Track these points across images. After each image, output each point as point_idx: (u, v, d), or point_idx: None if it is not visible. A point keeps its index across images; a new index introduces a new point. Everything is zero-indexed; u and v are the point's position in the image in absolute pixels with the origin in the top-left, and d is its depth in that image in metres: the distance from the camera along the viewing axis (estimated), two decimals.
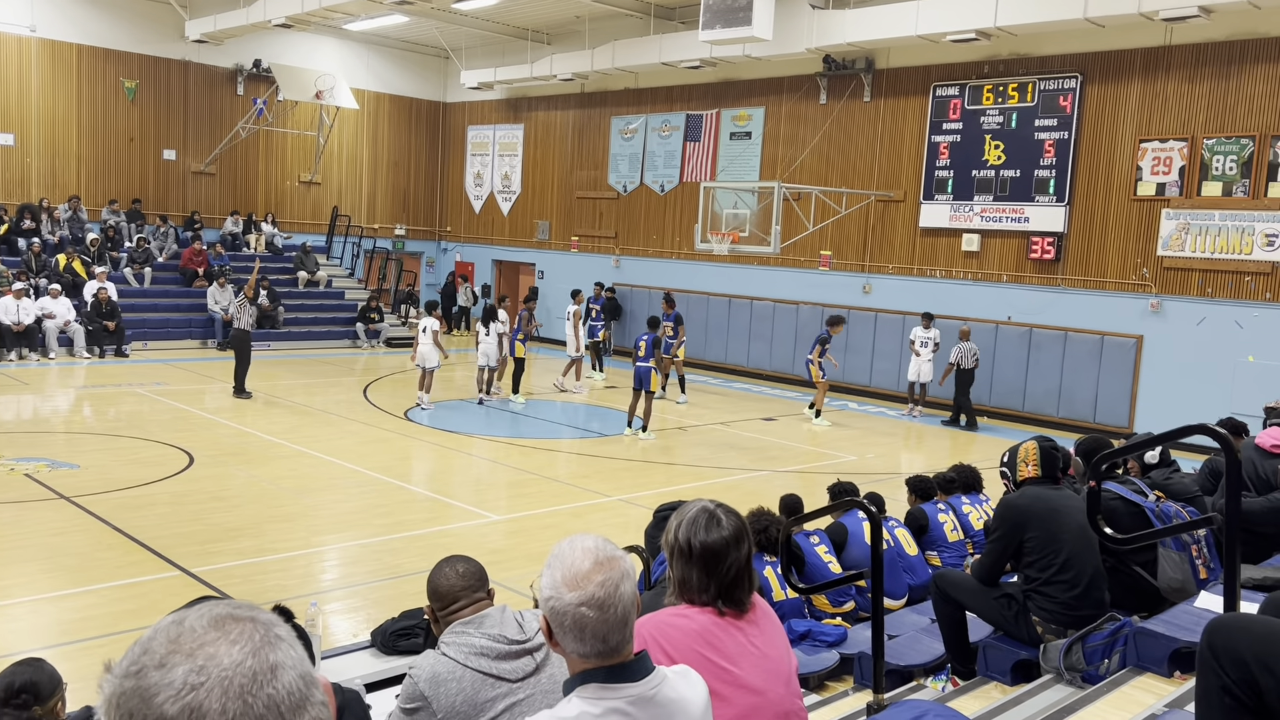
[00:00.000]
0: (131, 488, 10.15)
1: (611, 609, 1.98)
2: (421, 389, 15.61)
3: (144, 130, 23.21)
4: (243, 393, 15.45)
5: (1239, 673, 2.29)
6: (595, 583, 1.98)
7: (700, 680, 2.19)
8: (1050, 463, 4.91)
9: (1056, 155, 16.57)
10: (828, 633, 5.73)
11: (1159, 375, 15.58)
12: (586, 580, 1.98)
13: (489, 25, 23.53)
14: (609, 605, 1.97)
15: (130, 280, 21.31)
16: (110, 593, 7.39)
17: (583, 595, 1.97)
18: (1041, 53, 16.63)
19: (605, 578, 1.99)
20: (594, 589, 1.98)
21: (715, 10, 15.38)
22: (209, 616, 1.03)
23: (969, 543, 7.13)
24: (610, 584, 1.99)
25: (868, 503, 4.75)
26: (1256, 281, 14.73)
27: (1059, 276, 16.71)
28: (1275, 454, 5.97)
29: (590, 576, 1.99)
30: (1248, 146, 14.73)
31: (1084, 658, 4.35)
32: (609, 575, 2.00)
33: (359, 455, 12.17)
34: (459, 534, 9.31)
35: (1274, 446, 6.08)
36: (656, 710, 2.02)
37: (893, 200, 18.65)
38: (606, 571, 2.00)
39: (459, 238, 28.08)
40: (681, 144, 22.11)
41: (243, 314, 15.63)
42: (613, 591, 1.98)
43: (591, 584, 1.98)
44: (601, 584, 1.98)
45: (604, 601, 1.97)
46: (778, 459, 13.26)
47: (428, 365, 15.43)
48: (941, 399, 17.46)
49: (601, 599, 1.97)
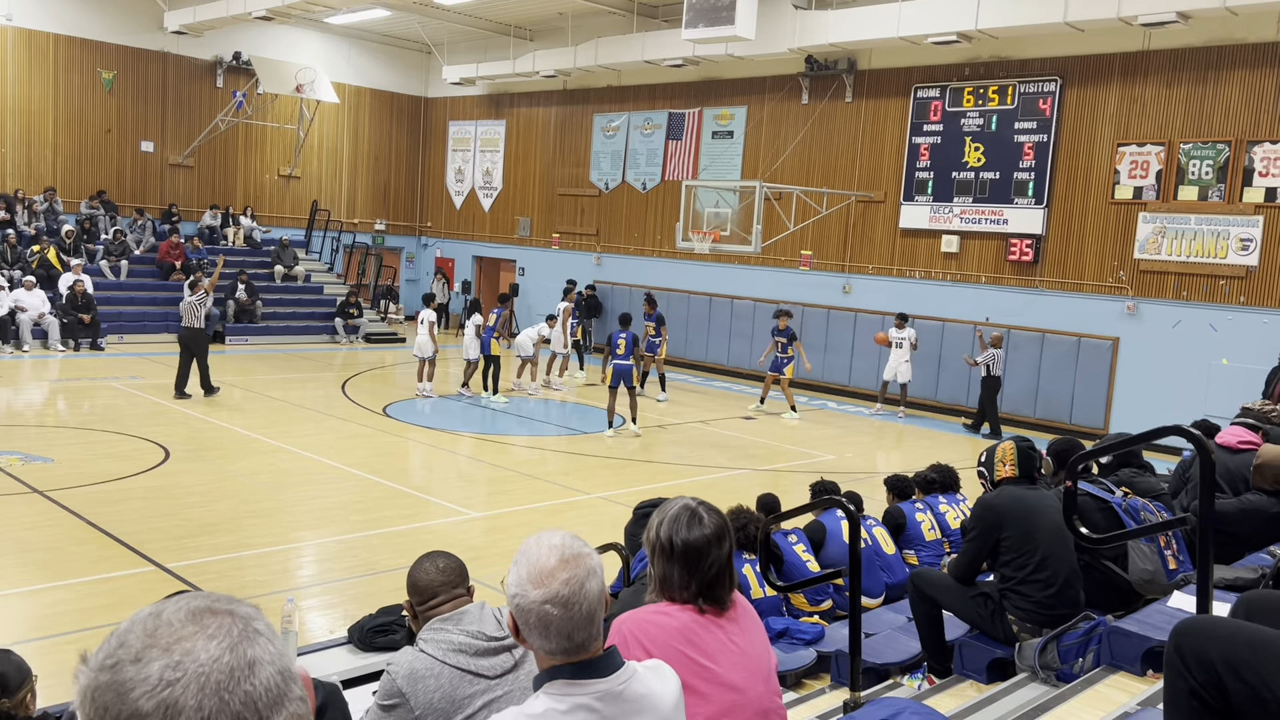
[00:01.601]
0: (106, 482, 10.06)
1: (576, 607, 1.97)
2: (421, 379, 16.32)
3: (122, 121, 22.99)
4: (212, 389, 14.86)
5: (1206, 676, 2.30)
6: (560, 580, 1.97)
7: (673, 675, 2.19)
8: (1028, 463, 4.95)
9: (1035, 158, 16.69)
10: (805, 631, 5.75)
11: (1135, 377, 15.72)
12: (551, 578, 1.98)
13: (471, 20, 23.45)
14: (573, 603, 1.97)
15: (106, 273, 21.11)
16: (83, 588, 7.32)
17: (547, 593, 1.97)
18: (1022, 56, 16.74)
19: (570, 575, 1.98)
20: (558, 586, 1.97)
21: (698, 9, 15.39)
22: (187, 609, 1.02)
23: (946, 542, 7.17)
24: (575, 582, 1.98)
25: (846, 501, 4.76)
26: (1231, 285, 14.89)
27: (1037, 278, 16.82)
28: (1241, 450, 6.04)
29: (555, 574, 1.98)
30: (1223, 151, 14.88)
31: (1059, 656, 4.38)
32: (574, 573, 1.99)
33: (337, 451, 12.11)
34: (438, 530, 9.28)
35: (1241, 443, 6.15)
36: (624, 705, 2.01)
37: (873, 201, 18.72)
38: (572, 569, 1.99)
39: (439, 233, 27.98)
40: (664, 142, 22.11)
41: (199, 312, 14.82)
42: (577, 589, 1.97)
43: (556, 581, 1.97)
44: (566, 581, 1.97)
45: (568, 599, 1.96)
46: (757, 457, 13.29)
47: (424, 355, 16.23)
48: (919, 399, 17.55)
49: (566, 597, 1.96)
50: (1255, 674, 2.26)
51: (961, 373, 17.03)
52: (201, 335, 15.03)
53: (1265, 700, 2.23)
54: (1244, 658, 2.30)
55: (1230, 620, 2.61)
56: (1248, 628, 2.45)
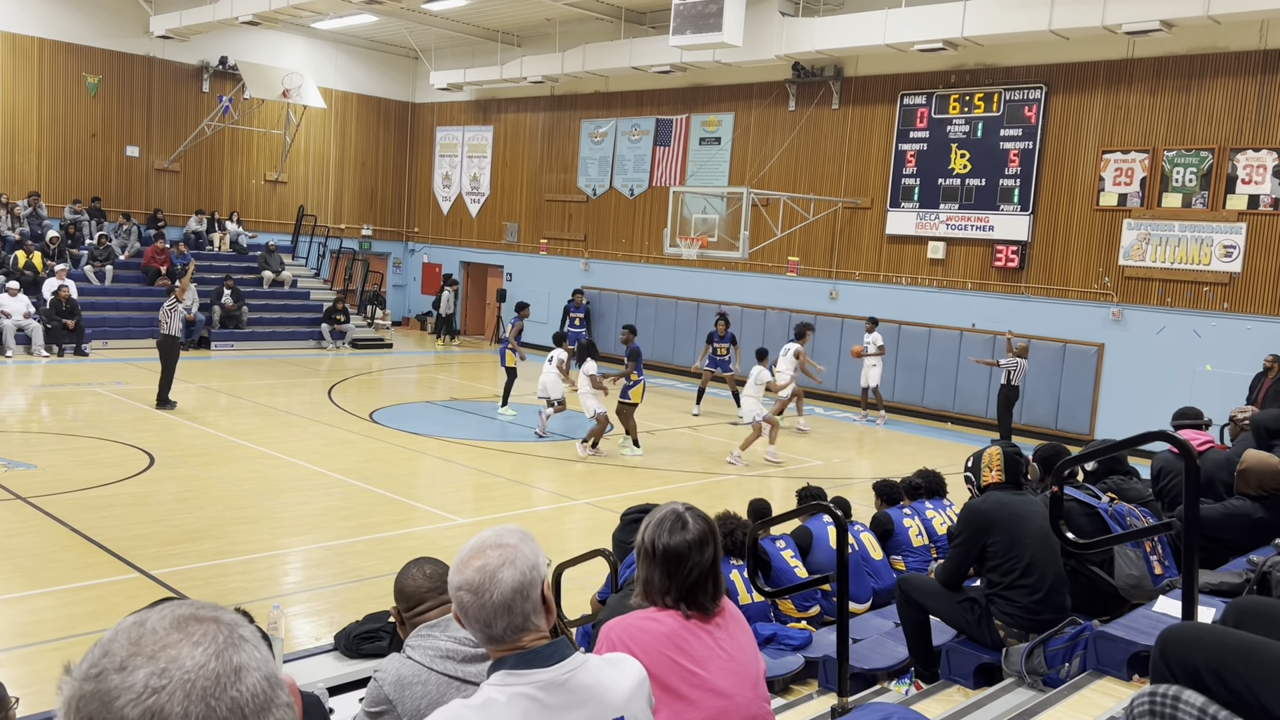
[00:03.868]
0: (90, 488, 9.99)
1: (487, 594, 1.98)
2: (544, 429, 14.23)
3: (107, 126, 22.88)
4: (166, 403, 14.30)
5: (1192, 683, 2.31)
6: (473, 568, 2.00)
7: (635, 668, 2.17)
8: (1014, 468, 4.97)
9: (1021, 165, 16.78)
10: (793, 636, 5.75)
11: (1120, 383, 15.80)
12: (466, 565, 2.02)
13: (459, 26, 23.45)
14: (483, 590, 1.98)
15: (91, 278, 20.99)
16: (67, 595, 7.26)
17: (461, 579, 2.01)
18: (1007, 63, 16.84)
19: (484, 563, 2.00)
20: (470, 574, 2.00)
21: (686, 16, 15.42)
22: (171, 617, 1.01)
23: (933, 547, 7.18)
24: (487, 570, 1.99)
25: (833, 507, 4.77)
26: (1215, 292, 14.99)
27: (1023, 285, 16.91)
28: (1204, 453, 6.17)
29: (470, 561, 2.02)
30: (1207, 159, 14.99)
31: (1045, 661, 4.40)
32: (488, 561, 2.00)
33: (323, 457, 12.06)
34: (424, 537, 9.25)
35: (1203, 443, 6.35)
36: (568, 695, 2.00)
37: (860, 207, 18.79)
38: (487, 557, 2.01)
39: (426, 239, 27.94)
40: (651, 148, 22.14)
41: (172, 318, 14.48)
42: (489, 577, 1.99)
43: (470, 569, 2.01)
44: (479, 569, 2.00)
45: (478, 586, 1.98)
46: (745, 463, 13.29)
47: (550, 395, 14.15)
48: (905, 404, 17.59)
49: (477, 584, 1.99)
50: (1241, 681, 2.27)
51: (948, 378, 17.08)
52: (169, 342, 14.40)
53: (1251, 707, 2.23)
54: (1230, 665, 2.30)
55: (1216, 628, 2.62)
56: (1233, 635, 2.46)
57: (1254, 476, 5.67)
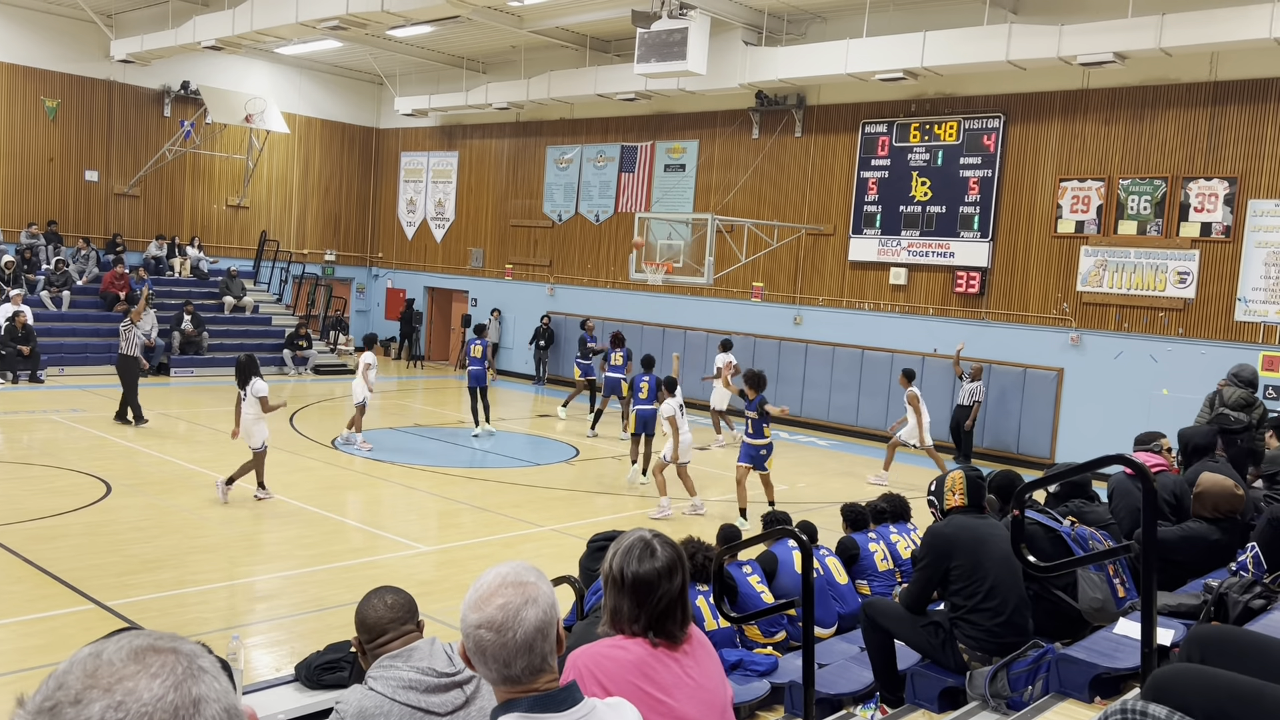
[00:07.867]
0: (44, 518, 9.79)
1: (509, 633, 1.96)
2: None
3: (65, 150, 22.61)
4: (124, 419, 15.03)
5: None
6: (495, 605, 1.97)
7: (634, 712, 2.17)
8: (976, 492, 5.01)
9: (981, 192, 17.04)
10: (759, 662, 5.74)
11: (1079, 407, 16.01)
12: (487, 602, 1.98)
13: (424, 53, 23.47)
14: (506, 629, 1.95)
15: (47, 304, 20.67)
16: (19, 627, 7.09)
17: (481, 617, 1.97)
18: (966, 93, 17.13)
19: (506, 601, 1.98)
20: (493, 611, 1.97)
21: (650, 44, 15.55)
22: (128, 648, 0.99)
23: (898, 572, 7.21)
24: (510, 608, 1.97)
25: (799, 531, 4.78)
26: (1170, 317, 15.27)
27: (983, 310, 17.12)
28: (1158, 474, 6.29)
29: (491, 599, 1.98)
30: (1160, 187, 15.32)
31: (1009, 684, 4.42)
32: (510, 599, 1.98)
33: (284, 484, 11.90)
34: (387, 565, 9.15)
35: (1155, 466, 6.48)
36: None
37: (823, 234, 18.97)
38: (509, 595, 1.99)
39: (391, 264, 27.81)
40: (616, 174, 22.24)
41: (130, 340, 15.10)
42: (512, 615, 1.96)
43: (491, 606, 1.97)
44: (501, 607, 1.97)
45: (501, 624, 1.96)
46: (708, 488, 13.29)
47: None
48: (869, 429, 17.68)
49: (500, 622, 1.96)
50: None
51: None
52: (128, 363, 14.98)
53: None
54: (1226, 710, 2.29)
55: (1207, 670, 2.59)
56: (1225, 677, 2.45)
57: (1209, 499, 5.76)
